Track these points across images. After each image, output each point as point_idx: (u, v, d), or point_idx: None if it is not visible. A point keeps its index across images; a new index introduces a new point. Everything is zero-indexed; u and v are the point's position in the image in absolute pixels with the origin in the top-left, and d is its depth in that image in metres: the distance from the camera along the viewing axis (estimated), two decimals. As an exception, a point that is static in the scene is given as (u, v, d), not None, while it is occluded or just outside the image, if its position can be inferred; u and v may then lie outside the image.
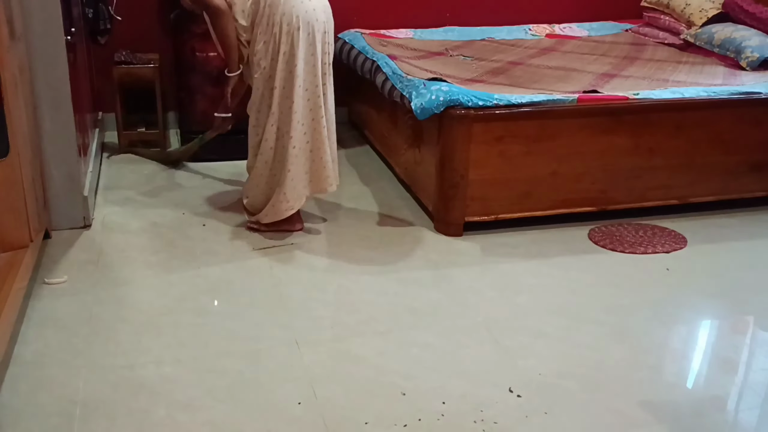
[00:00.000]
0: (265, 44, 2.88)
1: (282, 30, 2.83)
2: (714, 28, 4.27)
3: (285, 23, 2.83)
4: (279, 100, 2.91)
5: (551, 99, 3.15)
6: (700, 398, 2.22)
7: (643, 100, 3.25)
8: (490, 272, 2.90)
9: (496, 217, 3.23)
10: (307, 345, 2.39)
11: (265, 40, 2.88)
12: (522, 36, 4.71)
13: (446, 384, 2.21)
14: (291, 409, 2.08)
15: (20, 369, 2.23)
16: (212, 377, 2.22)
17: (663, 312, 2.66)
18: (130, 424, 2.01)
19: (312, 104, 2.94)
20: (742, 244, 3.22)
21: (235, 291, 2.72)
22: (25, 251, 2.69)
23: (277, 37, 2.84)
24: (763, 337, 2.61)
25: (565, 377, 2.26)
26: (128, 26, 4.16)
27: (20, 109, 2.69)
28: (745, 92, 3.39)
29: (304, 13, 2.84)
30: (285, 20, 2.83)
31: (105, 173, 3.83)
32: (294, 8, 2.83)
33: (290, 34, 2.84)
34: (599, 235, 3.25)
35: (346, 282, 2.80)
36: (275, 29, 2.85)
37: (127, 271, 2.84)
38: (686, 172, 3.40)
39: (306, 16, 2.85)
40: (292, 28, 2.83)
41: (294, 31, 2.84)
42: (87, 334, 2.42)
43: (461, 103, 3.03)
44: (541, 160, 3.19)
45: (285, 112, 2.92)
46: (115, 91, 4.03)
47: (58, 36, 2.91)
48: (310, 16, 2.85)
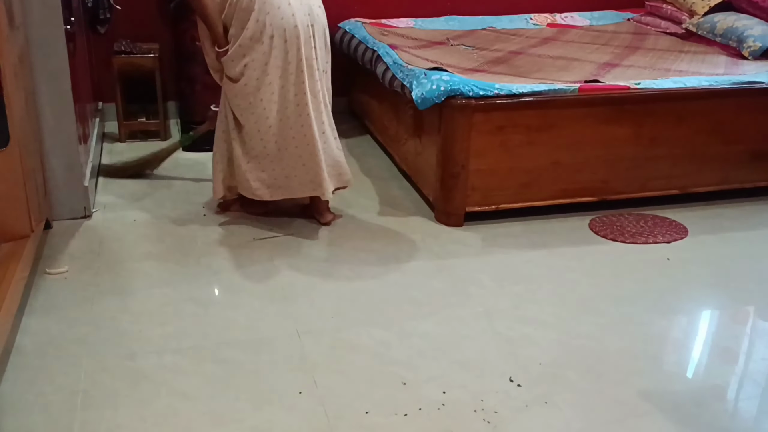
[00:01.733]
0: (239, 47, 2.80)
1: (254, 36, 2.77)
2: (716, 17, 4.25)
3: (257, 30, 2.77)
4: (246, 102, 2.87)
5: (552, 89, 3.15)
6: (700, 388, 2.22)
7: (645, 90, 3.24)
8: (490, 262, 2.90)
9: (497, 207, 3.23)
10: (307, 334, 2.39)
11: (239, 43, 2.80)
12: (523, 25, 4.69)
13: (446, 373, 2.22)
14: (292, 399, 2.09)
15: (21, 359, 2.24)
16: (213, 367, 2.22)
17: (663, 302, 2.66)
18: (131, 413, 2.02)
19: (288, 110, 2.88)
20: (743, 234, 3.21)
21: (235, 281, 2.72)
22: (26, 241, 2.69)
23: (248, 42, 2.78)
24: (763, 326, 2.61)
25: (565, 367, 2.27)
26: (128, 16, 4.15)
27: (20, 99, 2.68)
28: (747, 82, 3.38)
29: (280, 20, 2.77)
30: (257, 27, 2.76)
31: (105, 163, 3.82)
32: (268, 15, 2.76)
33: (261, 42, 2.78)
34: (600, 225, 3.24)
35: (347, 272, 2.80)
36: (246, 33, 2.77)
37: (127, 261, 2.84)
38: (687, 162, 3.39)
39: (281, 23, 2.77)
40: (265, 36, 2.77)
41: (266, 39, 2.77)
42: (88, 323, 2.42)
43: (462, 93, 3.02)
44: (542, 150, 3.19)
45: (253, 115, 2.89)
46: (115, 81, 4.02)
47: (58, 25, 2.90)
48: (286, 23, 2.77)
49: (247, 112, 2.89)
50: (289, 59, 2.82)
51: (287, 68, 2.83)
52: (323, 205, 3.16)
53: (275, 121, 2.89)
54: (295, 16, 2.80)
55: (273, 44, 2.79)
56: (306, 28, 2.84)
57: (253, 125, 2.90)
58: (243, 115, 2.91)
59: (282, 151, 2.94)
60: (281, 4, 2.78)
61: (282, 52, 2.81)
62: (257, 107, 2.87)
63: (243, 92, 2.86)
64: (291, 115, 2.89)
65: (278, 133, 2.91)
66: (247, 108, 2.88)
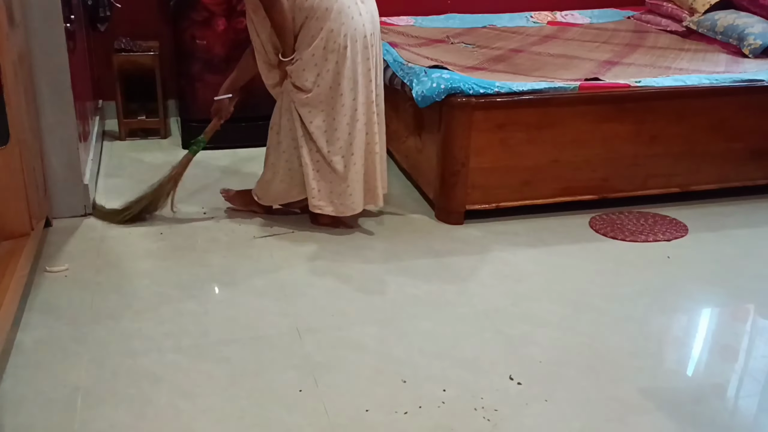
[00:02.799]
0: (312, 56, 2.78)
1: (328, 47, 2.76)
2: (717, 15, 4.25)
3: (331, 40, 2.76)
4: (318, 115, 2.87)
5: (553, 87, 3.14)
6: (700, 385, 2.22)
7: (645, 88, 3.24)
8: (490, 260, 2.90)
9: (497, 205, 3.22)
10: (308, 333, 2.39)
11: (312, 52, 2.77)
12: (523, 23, 4.69)
13: (447, 371, 2.22)
14: (292, 397, 2.09)
15: (22, 357, 2.24)
16: (213, 365, 2.22)
17: (663, 300, 2.66)
18: (131, 411, 2.02)
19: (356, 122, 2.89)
20: (743, 232, 3.21)
21: (235, 278, 2.72)
22: (26, 239, 2.69)
23: (322, 53, 2.77)
24: (763, 324, 2.61)
25: (565, 365, 2.27)
26: (128, 13, 4.14)
27: (20, 97, 2.68)
28: (748, 80, 3.38)
29: (353, 31, 2.78)
30: (331, 37, 2.75)
31: (105, 161, 3.83)
32: (343, 26, 2.76)
33: (336, 52, 2.77)
34: (600, 223, 3.24)
35: (347, 270, 2.80)
36: (320, 43, 2.76)
37: (127, 259, 2.84)
38: (688, 160, 3.39)
39: (354, 34, 2.78)
40: (339, 46, 2.76)
41: (340, 49, 2.77)
42: (88, 321, 2.42)
43: (462, 91, 3.02)
44: (542, 148, 3.19)
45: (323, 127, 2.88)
46: (115, 79, 4.02)
47: (58, 23, 2.90)
48: (359, 34, 2.80)
49: (317, 119, 2.86)
50: (359, 70, 2.84)
51: (357, 79, 2.84)
52: None
53: (344, 133, 2.88)
54: (365, 26, 2.82)
55: (347, 55, 2.78)
56: (372, 38, 2.87)
57: (322, 133, 2.88)
58: (314, 122, 2.86)
59: (347, 168, 2.93)
60: (354, 15, 2.79)
61: (353, 63, 2.81)
62: (328, 115, 2.86)
63: (315, 101, 2.84)
64: (358, 127, 2.89)
65: (345, 147, 2.90)
66: (319, 114, 2.86)
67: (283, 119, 2.94)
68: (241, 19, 3.82)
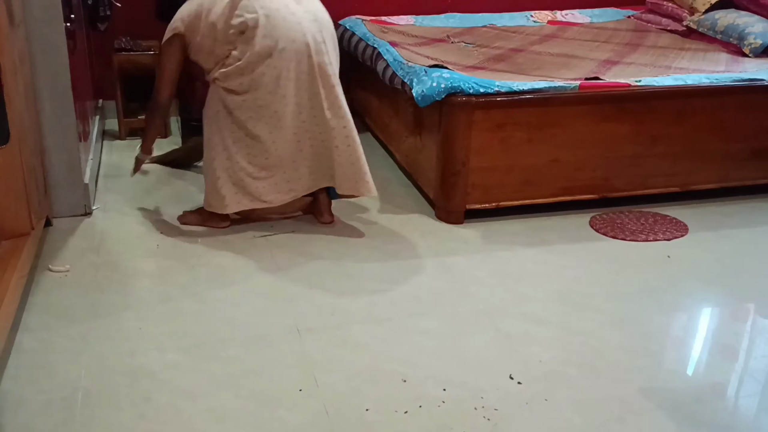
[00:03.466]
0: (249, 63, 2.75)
1: (262, 52, 2.73)
2: (717, 14, 4.25)
3: (266, 45, 2.72)
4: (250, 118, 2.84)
5: (553, 86, 3.14)
6: (701, 385, 2.22)
7: (645, 87, 3.24)
8: (490, 260, 2.90)
9: (497, 204, 3.22)
10: (308, 332, 2.39)
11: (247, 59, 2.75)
12: (524, 23, 4.69)
13: (447, 371, 2.22)
14: (292, 396, 2.09)
15: (22, 356, 2.24)
16: (213, 364, 2.22)
17: (663, 299, 2.66)
18: (131, 411, 2.02)
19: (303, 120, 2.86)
20: (743, 231, 3.21)
21: (236, 278, 2.72)
22: (27, 239, 2.69)
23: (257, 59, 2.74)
24: (763, 324, 2.61)
25: (565, 364, 2.27)
26: (128, 13, 4.14)
27: (20, 96, 2.68)
28: (748, 79, 3.37)
29: (286, 31, 2.74)
30: (265, 42, 2.72)
31: (105, 161, 3.83)
32: (275, 29, 2.72)
33: (271, 56, 2.74)
34: (600, 222, 3.24)
35: (347, 269, 2.80)
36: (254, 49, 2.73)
37: (128, 259, 2.84)
38: (688, 160, 3.39)
39: (289, 35, 2.74)
40: (275, 51, 2.73)
41: (276, 53, 2.74)
42: (88, 321, 2.42)
43: (462, 90, 3.02)
44: (543, 148, 3.19)
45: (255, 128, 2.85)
46: (116, 79, 4.02)
47: (58, 23, 2.90)
48: (295, 34, 2.75)
49: (258, 122, 2.83)
50: (301, 69, 2.80)
51: (301, 78, 2.81)
52: (325, 206, 3.16)
53: (290, 128, 2.86)
54: (301, 24, 2.78)
55: (283, 57, 2.75)
56: (315, 35, 2.82)
57: (267, 135, 2.86)
58: (254, 125, 2.84)
59: (297, 153, 2.90)
60: (286, 16, 2.76)
61: (294, 64, 2.78)
62: (271, 117, 2.83)
63: (253, 105, 2.81)
64: (307, 122, 2.87)
65: (292, 137, 2.87)
66: (259, 118, 2.83)
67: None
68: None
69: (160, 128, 3.15)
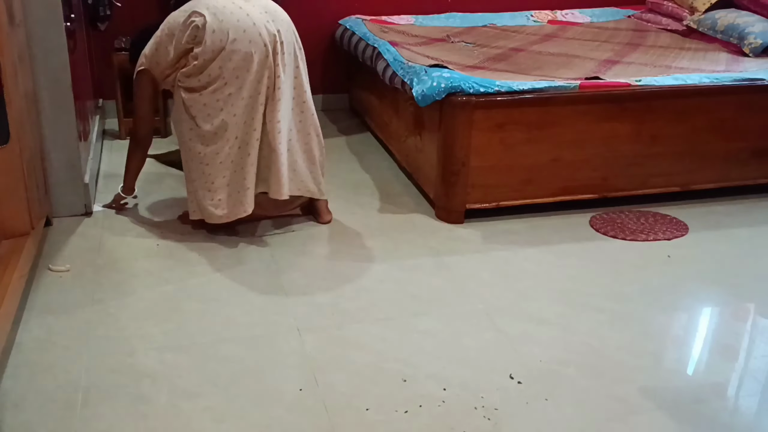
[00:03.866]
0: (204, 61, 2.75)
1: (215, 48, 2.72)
2: (717, 13, 4.25)
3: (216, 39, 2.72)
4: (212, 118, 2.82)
5: (553, 86, 3.14)
6: (701, 385, 2.22)
7: (646, 87, 3.23)
8: (490, 259, 2.90)
9: (497, 204, 3.22)
10: (308, 332, 2.39)
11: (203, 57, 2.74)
12: (524, 22, 4.69)
13: (447, 370, 2.22)
14: (292, 396, 2.09)
15: (22, 356, 2.24)
16: (213, 364, 2.22)
17: (664, 299, 2.66)
18: (131, 410, 2.02)
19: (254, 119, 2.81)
20: (744, 231, 3.21)
21: (236, 277, 2.72)
22: (27, 238, 2.69)
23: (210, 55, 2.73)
24: (763, 324, 2.61)
25: (565, 364, 2.27)
26: (128, 12, 4.14)
27: (20, 96, 2.68)
28: (748, 79, 3.37)
29: (236, 22, 2.73)
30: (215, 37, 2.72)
31: (106, 160, 3.83)
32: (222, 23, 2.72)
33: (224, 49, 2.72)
34: (600, 222, 3.24)
35: (347, 269, 2.80)
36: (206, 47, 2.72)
37: (128, 258, 2.84)
38: (688, 159, 3.39)
39: (239, 26, 2.73)
40: (227, 44, 2.72)
41: (228, 46, 2.72)
42: (88, 320, 2.42)
43: (462, 90, 3.02)
44: (543, 147, 3.18)
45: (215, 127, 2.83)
46: (116, 78, 4.02)
47: (58, 22, 2.90)
48: (245, 26, 2.73)
49: (215, 118, 2.80)
50: (256, 65, 2.76)
51: (255, 72, 2.76)
52: (322, 205, 3.16)
53: (237, 129, 2.81)
54: (250, 16, 2.77)
55: (236, 47, 2.73)
56: (270, 33, 2.78)
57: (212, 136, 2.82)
58: (210, 122, 2.80)
59: (243, 158, 2.84)
60: (234, 10, 2.76)
61: (248, 56, 2.74)
62: (228, 113, 2.79)
63: (210, 99, 2.79)
64: (253, 121, 2.81)
65: (241, 138, 2.82)
66: (212, 114, 2.80)
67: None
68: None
69: (142, 163, 3.16)
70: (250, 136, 2.84)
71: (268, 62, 2.78)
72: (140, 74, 2.93)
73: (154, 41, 2.89)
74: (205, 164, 2.86)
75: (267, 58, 2.78)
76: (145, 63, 2.90)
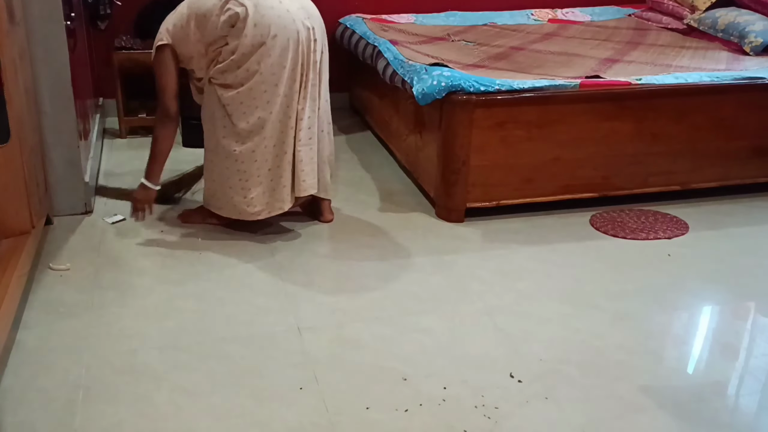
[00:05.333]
0: (242, 55, 2.71)
1: (254, 42, 2.69)
2: (718, 12, 4.25)
3: (257, 34, 2.68)
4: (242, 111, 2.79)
5: (553, 84, 3.14)
6: (701, 383, 2.22)
7: (646, 86, 3.23)
8: (491, 258, 2.90)
9: (498, 203, 3.22)
10: (308, 330, 2.39)
11: (241, 51, 2.70)
12: (524, 21, 4.69)
13: (447, 369, 2.22)
14: (292, 395, 2.09)
15: (22, 354, 2.24)
16: (214, 363, 2.22)
17: (664, 298, 2.66)
18: (132, 409, 2.02)
19: (281, 115, 2.80)
20: (744, 230, 3.21)
21: (236, 276, 2.72)
22: (27, 237, 2.69)
23: (250, 49, 2.69)
24: (763, 322, 2.61)
25: (565, 362, 2.27)
26: (128, 11, 4.14)
27: (20, 94, 2.68)
28: (749, 77, 3.37)
29: (277, 18, 2.69)
30: (257, 31, 2.68)
31: (106, 159, 3.83)
32: (264, 17, 2.68)
33: (265, 44, 2.69)
34: (601, 221, 3.24)
35: (347, 268, 2.80)
36: (245, 40, 2.68)
37: (128, 257, 2.84)
38: (688, 158, 3.39)
39: (280, 21, 2.69)
40: (268, 38, 2.69)
41: (269, 41, 2.69)
42: (89, 319, 2.42)
43: (463, 89, 3.02)
44: (543, 146, 3.18)
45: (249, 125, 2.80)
46: (116, 77, 4.01)
47: (58, 21, 2.90)
48: (286, 22, 2.71)
49: (251, 116, 2.78)
50: (291, 62, 2.75)
51: (290, 69, 2.75)
52: (325, 205, 3.15)
53: (273, 127, 2.80)
54: (290, 12, 2.74)
55: (275, 44, 2.70)
56: (306, 29, 2.78)
57: (248, 134, 2.79)
58: (240, 119, 2.78)
59: (280, 156, 2.84)
60: (273, 4, 2.72)
61: (285, 52, 2.73)
62: (255, 112, 2.77)
63: (247, 97, 2.76)
64: (289, 119, 2.80)
65: (277, 136, 2.81)
66: (247, 112, 2.77)
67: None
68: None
69: (170, 147, 2.99)
70: (285, 134, 2.82)
71: (303, 59, 2.77)
72: (162, 49, 2.83)
73: (180, 18, 2.80)
74: (240, 162, 2.83)
75: (302, 56, 2.77)
76: (168, 38, 2.82)
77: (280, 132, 2.82)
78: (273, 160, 2.85)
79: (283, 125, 2.82)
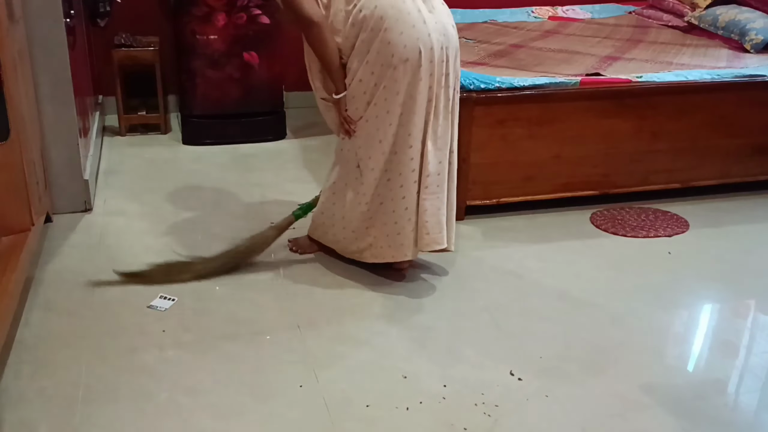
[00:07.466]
0: (372, 75, 2.37)
1: (385, 62, 2.33)
2: (718, 10, 4.24)
3: (389, 54, 2.32)
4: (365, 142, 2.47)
5: (554, 82, 3.14)
6: (701, 381, 2.22)
7: (646, 83, 3.23)
8: (491, 256, 2.90)
9: (498, 200, 3.22)
10: (308, 328, 2.39)
11: (371, 70, 2.37)
12: (524, 18, 4.68)
13: (447, 367, 2.22)
14: (293, 392, 2.09)
15: (22, 353, 2.24)
16: (214, 361, 2.22)
17: (664, 296, 2.66)
18: (132, 407, 2.02)
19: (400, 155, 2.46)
20: (744, 227, 3.21)
21: (236, 275, 2.71)
22: (27, 235, 2.69)
23: (379, 69, 2.35)
24: (763, 320, 2.61)
25: (565, 360, 2.27)
26: (128, 9, 4.13)
27: (20, 92, 2.67)
28: (749, 75, 3.37)
29: (415, 40, 2.32)
30: (389, 50, 2.32)
31: (106, 157, 3.82)
32: (402, 36, 2.31)
33: (393, 67, 2.33)
34: (601, 218, 3.24)
35: (347, 266, 2.80)
36: (378, 59, 2.34)
37: (128, 255, 2.84)
38: (689, 156, 3.39)
39: (417, 44, 2.32)
40: (397, 60, 2.32)
41: (399, 64, 2.33)
42: (89, 317, 2.42)
43: (463, 86, 3.01)
44: (544, 144, 3.18)
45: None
46: (116, 75, 4.01)
47: (58, 19, 2.89)
48: (422, 44, 2.33)
49: (363, 150, 2.47)
50: (419, 89, 2.37)
51: (416, 98, 2.38)
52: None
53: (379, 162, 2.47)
54: (431, 36, 2.35)
55: (406, 69, 2.33)
56: (441, 51, 2.39)
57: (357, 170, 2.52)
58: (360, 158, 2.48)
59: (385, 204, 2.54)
60: (416, 23, 2.33)
61: (414, 79, 2.35)
62: (373, 147, 2.44)
63: (363, 130, 2.46)
64: (402, 157, 2.46)
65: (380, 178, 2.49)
66: (362, 146, 2.47)
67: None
68: (241, 14, 3.81)
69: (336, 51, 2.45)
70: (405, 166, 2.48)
71: (430, 88, 2.41)
72: (311, 25, 2.36)
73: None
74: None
75: (430, 89, 2.41)
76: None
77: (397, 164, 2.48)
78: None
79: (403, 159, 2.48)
